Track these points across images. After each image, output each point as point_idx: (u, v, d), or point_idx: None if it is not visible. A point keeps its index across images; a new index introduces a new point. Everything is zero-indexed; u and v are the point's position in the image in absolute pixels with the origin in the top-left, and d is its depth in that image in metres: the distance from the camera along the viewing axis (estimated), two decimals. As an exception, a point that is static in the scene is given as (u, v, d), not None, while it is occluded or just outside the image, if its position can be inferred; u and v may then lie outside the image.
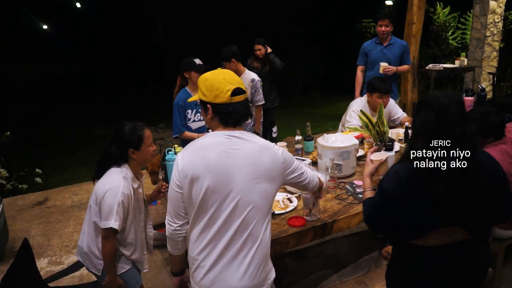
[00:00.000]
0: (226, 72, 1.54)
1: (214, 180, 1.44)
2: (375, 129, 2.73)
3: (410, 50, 6.01)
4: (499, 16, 6.70)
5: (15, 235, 3.65)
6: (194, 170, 1.44)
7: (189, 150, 1.51)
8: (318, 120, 7.82)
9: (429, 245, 1.49)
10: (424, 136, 1.43)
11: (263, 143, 1.54)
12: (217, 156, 1.45)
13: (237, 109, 1.49)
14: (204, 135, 1.56)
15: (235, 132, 1.51)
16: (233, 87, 1.48)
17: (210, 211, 1.46)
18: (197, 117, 3.17)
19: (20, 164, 5.09)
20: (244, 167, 1.46)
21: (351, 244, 3.24)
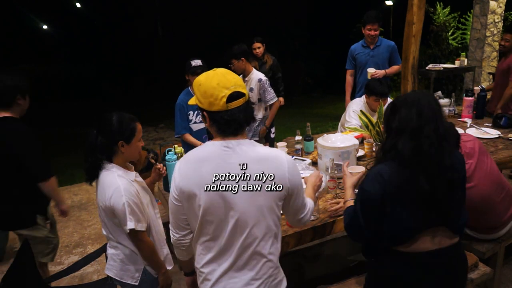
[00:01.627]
0: (221, 73, 1.36)
1: (210, 197, 1.33)
2: (375, 129, 2.73)
3: (409, 50, 6.03)
4: (499, 16, 6.70)
5: (15, 235, 3.64)
6: (190, 186, 1.35)
7: (186, 161, 1.40)
8: (318, 120, 7.83)
9: (413, 251, 1.49)
10: (408, 133, 1.45)
11: (264, 153, 1.38)
12: (212, 171, 1.33)
13: (235, 117, 1.33)
14: (205, 143, 1.44)
15: (233, 142, 1.36)
16: (228, 92, 1.31)
17: (211, 228, 1.38)
18: (198, 118, 3.17)
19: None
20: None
21: (351, 244, 3.24)
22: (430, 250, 1.50)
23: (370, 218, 1.51)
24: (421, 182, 1.42)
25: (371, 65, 3.96)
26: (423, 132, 1.43)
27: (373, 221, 1.51)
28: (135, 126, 1.83)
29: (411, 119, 1.45)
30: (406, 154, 1.43)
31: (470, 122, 3.49)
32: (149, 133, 8.32)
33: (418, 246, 1.49)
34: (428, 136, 1.43)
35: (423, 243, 1.49)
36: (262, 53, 4.57)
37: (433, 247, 1.50)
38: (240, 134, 1.38)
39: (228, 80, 1.34)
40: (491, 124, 3.42)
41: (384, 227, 1.49)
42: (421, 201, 1.45)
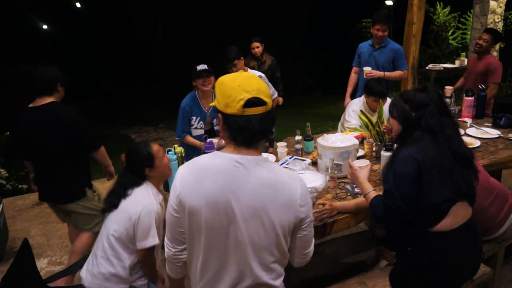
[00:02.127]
0: (245, 76, 1.26)
1: (212, 216, 1.22)
2: (375, 129, 2.73)
3: (409, 50, 6.03)
4: (499, 16, 6.70)
5: (15, 235, 3.65)
6: (192, 201, 1.23)
7: (190, 170, 1.28)
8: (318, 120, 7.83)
9: (447, 229, 1.65)
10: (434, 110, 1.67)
11: (278, 177, 1.25)
12: (218, 189, 1.21)
13: (250, 125, 1.20)
14: (214, 153, 1.30)
15: (246, 158, 1.23)
16: (248, 96, 1.19)
17: (208, 249, 1.27)
18: (199, 125, 3.15)
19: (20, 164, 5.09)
20: (246, 209, 1.21)
21: (351, 244, 3.24)
22: (458, 226, 1.67)
23: (410, 198, 1.61)
24: (446, 155, 1.63)
25: (371, 65, 3.94)
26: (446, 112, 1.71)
27: (413, 200, 1.61)
28: (149, 150, 1.95)
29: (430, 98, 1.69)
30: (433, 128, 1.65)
31: (470, 122, 3.49)
32: (149, 133, 8.32)
33: (451, 222, 1.66)
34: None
35: (454, 218, 1.66)
36: (261, 53, 4.57)
37: (461, 221, 1.68)
38: (254, 146, 1.25)
39: (251, 84, 1.22)
40: (491, 124, 3.42)
41: (424, 204, 1.62)
42: (451, 174, 1.63)
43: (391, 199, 1.63)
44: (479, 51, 4.01)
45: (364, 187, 1.85)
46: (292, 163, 2.67)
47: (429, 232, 1.66)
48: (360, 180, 1.88)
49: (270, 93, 1.30)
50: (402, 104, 1.75)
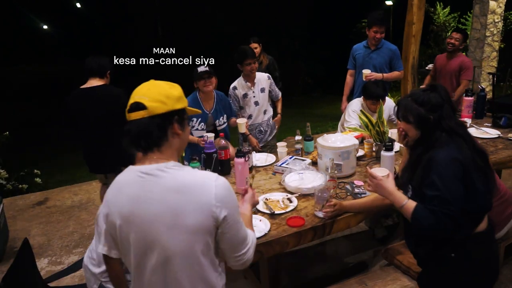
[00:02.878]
0: (146, 83, 1.25)
1: (129, 231, 1.19)
2: (375, 129, 2.73)
3: (409, 50, 6.03)
4: (499, 16, 6.70)
5: (15, 235, 3.65)
6: (111, 216, 1.22)
7: (111, 188, 1.26)
8: (318, 120, 7.84)
9: (481, 231, 1.65)
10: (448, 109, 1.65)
11: (186, 180, 1.18)
12: (130, 203, 1.18)
13: (131, 129, 1.17)
14: (127, 168, 1.26)
15: (150, 166, 1.19)
16: (132, 101, 1.19)
17: (133, 263, 1.22)
18: (200, 126, 3.14)
19: (20, 164, 5.10)
20: (161, 216, 1.16)
21: (351, 244, 3.24)
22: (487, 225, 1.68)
23: (461, 201, 1.53)
24: (478, 155, 1.62)
25: (369, 66, 3.90)
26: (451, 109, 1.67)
27: (464, 203, 1.53)
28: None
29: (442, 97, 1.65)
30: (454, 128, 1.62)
31: (470, 122, 3.49)
32: (149, 133, 8.32)
33: (484, 222, 1.66)
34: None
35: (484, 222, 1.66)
36: (258, 54, 4.57)
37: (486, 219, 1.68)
38: (153, 152, 1.20)
39: (140, 89, 1.22)
40: (491, 124, 3.42)
41: (472, 206, 1.57)
42: (484, 173, 1.62)
43: (445, 205, 1.49)
44: (452, 49, 4.10)
45: (397, 198, 1.67)
46: (292, 163, 2.67)
47: (471, 235, 1.62)
48: (390, 190, 1.69)
49: (166, 98, 1.20)
50: (417, 108, 1.66)
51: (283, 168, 2.61)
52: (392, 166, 2.44)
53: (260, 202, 2.18)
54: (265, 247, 1.87)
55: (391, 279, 2.14)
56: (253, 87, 3.44)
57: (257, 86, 3.47)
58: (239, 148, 2.42)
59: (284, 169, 2.58)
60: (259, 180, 2.58)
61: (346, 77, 4.20)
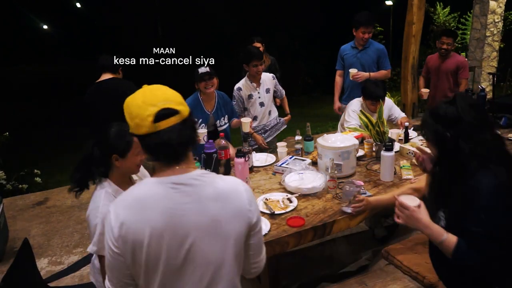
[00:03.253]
0: (149, 89, 1.15)
1: (162, 248, 1.09)
2: (375, 129, 2.73)
3: (409, 50, 6.04)
4: (499, 16, 6.70)
5: (15, 235, 3.65)
6: (136, 235, 1.08)
7: (124, 205, 1.11)
8: (318, 120, 7.83)
9: None
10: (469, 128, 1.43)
11: (223, 189, 1.16)
12: (162, 216, 1.09)
13: (165, 138, 1.08)
14: (142, 182, 1.17)
15: (183, 176, 1.12)
16: (155, 110, 1.08)
17: (160, 281, 1.13)
18: (201, 127, 3.14)
19: (20, 164, 5.10)
20: (201, 227, 1.11)
21: (351, 244, 3.24)
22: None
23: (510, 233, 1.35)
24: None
25: (357, 66, 3.92)
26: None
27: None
28: (131, 139, 1.70)
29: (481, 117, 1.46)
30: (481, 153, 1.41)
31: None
32: (149, 133, 8.32)
33: None
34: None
35: None
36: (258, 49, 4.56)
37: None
38: (183, 161, 1.14)
39: (156, 96, 1.12)
40: (491, 124, 3.42)
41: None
42: None
43: (493, 243, 1.33)
44: (445, 54, 4.11)
45: (434, 232, 1.45)
46: (292, 163, 2.67)
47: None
48: (425, 223, 1.47)
49: (182, 99, 1.16)
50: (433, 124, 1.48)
51: (283, 168, 2.61)
52: (392, 166, 2.44)
53: (260, 202, 2.18)
54: (265, 247, 1.87)
55: (391, 279, 2.14)
56: (259, 87, 3.43)
57: (263, 87, 3.46)
58: (239, 148, 2.42)
59: (284, 169, 2.58)
60: (259, 180, 2.58)
61: (335, 78, 4.24)
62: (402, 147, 2.91)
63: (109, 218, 1.11)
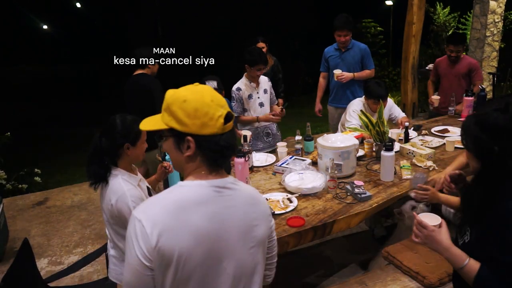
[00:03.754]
0: (209, 89, 1.11)
1: (204, 254, 1.03)
2: (375, 129, 2.73)
3: (409, 50, 6.04)
4: (499, 16, 6.70)
5: (15, 235, 3.65)
6: (180, 246, 1.00)
7: (162, 211, 1.02)
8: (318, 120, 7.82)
9: None
10: None
11: (254, 193, 1.18)
12: (207, 221, 1.04)
13: (231, 143, 1.09)
14: (178, 185, 1.10)
15: (225, 180, 1.10)
16: (225, 112, 1.07)
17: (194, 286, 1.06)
18: None
19: (20, 164, 5.10)
20: (241, 231, 1.10)
21: (351, 244, 3.24)
22: None
23: None
24: None
25: (341, 67, 3.94)
26: None
27: None
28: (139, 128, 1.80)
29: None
30: None
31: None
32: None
33: None
34: None
35: None
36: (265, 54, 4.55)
37: None
38: (223, 168, 1.13)
39: (220, 97, 1.10)
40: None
41: None
42: None
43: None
44: (454, 59, 4.00)
45: (455, 256, 1.32)
46: (292, 163, 2.67)
47: None
48: (445, 246, 1.33)
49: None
50: (478, 132, 1.28)
51: (283, 168, 2.61)
52: (392, 166, 2.44)
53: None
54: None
55: (391, 279, 2.14)
56: (258, 87, 3.44)
57: (261, 87, 3.47)
58: (239, 148, 2.42)
59: (284, 169, 2.58)
60: (259, 180, 2.58)
61: (319, 80, 4.28)
62: (402, 147, 2.91)
63: (139, 227, 0.99)
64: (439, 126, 3.48)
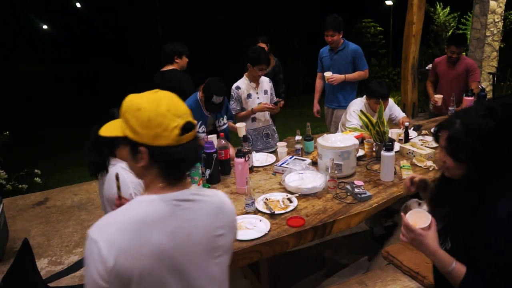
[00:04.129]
0: (168, 97, 1.05)
1: (167, 271, 1.00)
2: (375, 129, 2.73)
3: (409, 50, 6.04)
4: (499, 16, 6.70)
5: (15, 235, 3.65)
6: (140, 266, 0.96)
7: (119, 230, 0.97)
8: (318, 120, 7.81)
9: None
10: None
11: (219, 202, 1.12)
12: (167, 238, 0.99)
13: (188, 155, 1.03)
14: (135, 201, 1.05)
15: (185, 192, 1.05)
16: (182, 122, 1.01)
17: None
18: (201, 129, 3.13)
19: (20, 164, 5.10)
20: (201, 243, 1.06)
21: (351, 244, 3.24)
22: None
23: None
24: None
25: (333, 69, 3.93)
26: None
27: None
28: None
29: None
30: None
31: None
32: (149, 133, 8.31)
33: None
34: None
35: None
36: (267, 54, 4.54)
37: None
38: (185, 180, 1.07)
39: (179, 106, 1.04)
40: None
41: None
42: None
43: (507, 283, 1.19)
44: (454, 61, 3.99)
45: (441, 260, 1.28)
46: (292, 163, 2.67)
47: None
48: (432, 249, 1.28)
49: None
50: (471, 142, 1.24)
51: (283, 168, 2.61)
52: (392, 166, 2.44)
53: (260, 202, 2.18)
54: (265, 247, 1.87)
55: (391, 279, 2.14)
56: (258, 88, 3.43)
57: (261, 88, 3.47)
58: (239, 148, 2.42)
59: (284, 169, 2.58)
60: (259, 180, 2.58)
61: (316, 81, 4.29)
62: (402, 147, 2.91)
63: (95, 248, 0.94)
64: (439, 126, 3.47)
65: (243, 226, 1.97)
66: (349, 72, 3.92)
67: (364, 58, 3.97)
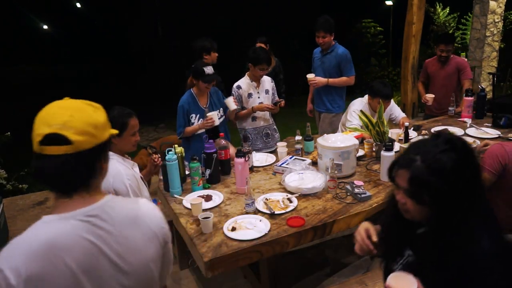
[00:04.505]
0: (58, 105, 1.00)
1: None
2: (375, 129, 2.73)
3: (409, 50, 6.04)
4: (499, 16, 6.70)
5: (15, 235, 3.64)
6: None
7: (26, 256, 0.90)
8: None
9: None
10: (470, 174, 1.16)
11: (134, 212, 1.05)
12: (81, 259, 0.93)
13: (47, 167, 0.93)
14: (40, 222, 0.96)
15: (94, 206, 0.98)
16: (47, 131, 0.93)
17: None
18: (199, 122, 3.14)
19: (20, 164, 5.09)
20: (119, 257, 0.99)
21: (351, 244, 3.24)
22: None
23: None
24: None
25: (319, 71, 3.90)
26: None
27: None
28: (127, 121, 1.98)
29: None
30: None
31: (470, 122, 3.49)
32: (149, 133, 8.33)
33: None
34: None
35: None
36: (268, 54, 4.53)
37: None
38: (86, 190, 0.99)
39: (58, 116, 0.96)
40: (491, 124, 3.42)
41: None
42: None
43: None
44: (444, 60, 4.00)
45: None
46: (292, 163, 2.67)
47: None
48: None
49: (94, 129, 0.99)
50: (435, 181, 1.11)
51: (283, 168, 2.61)
52: (392, 166, 2.44)
53: (260, 202, 2.18)
54: (265, 247, 1.87)
55: (391, 279, 2.14)
56: (259, 87, 3.44)
57: (262, 88, 3.47)
58: (239, 148, 2.42)
59: (284, 169, 2.58)
60: (259, 180, 2.58)
61: None
62: (402, 147, 2.91)
63: (1, 277, 0.87)
64: (439, 126, 3.48)
65: (243, 226, 1.97)
66: (335, 76, 3.82)
67: (352, 64, 3.83)
